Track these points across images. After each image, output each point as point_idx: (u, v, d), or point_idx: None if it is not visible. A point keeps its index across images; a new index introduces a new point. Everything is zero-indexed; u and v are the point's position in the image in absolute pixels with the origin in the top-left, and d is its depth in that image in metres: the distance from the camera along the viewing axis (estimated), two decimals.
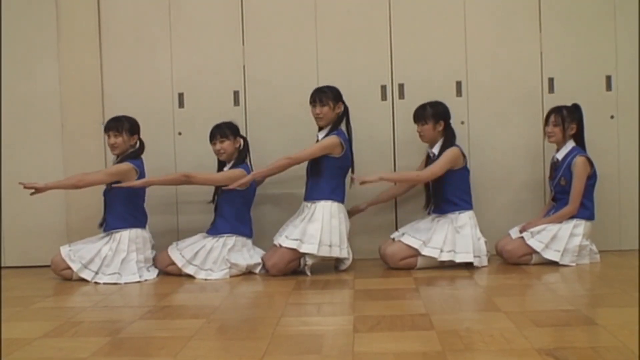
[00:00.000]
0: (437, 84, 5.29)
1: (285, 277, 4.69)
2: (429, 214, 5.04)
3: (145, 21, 5.45)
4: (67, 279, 4.82)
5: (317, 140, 4.88)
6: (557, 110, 4.95)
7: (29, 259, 5.41)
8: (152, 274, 4.87)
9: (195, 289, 4.49)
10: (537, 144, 5.25)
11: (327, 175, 4.83)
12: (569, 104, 4.96)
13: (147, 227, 5.01)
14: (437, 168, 4.86)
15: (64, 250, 4.84)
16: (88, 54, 5.41)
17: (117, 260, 4.79)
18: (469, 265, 4.79)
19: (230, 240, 4.85)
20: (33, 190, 4.76)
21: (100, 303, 4.11)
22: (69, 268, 4.79)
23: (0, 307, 3.95)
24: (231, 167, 4.94)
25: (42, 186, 4.77)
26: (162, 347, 3.04)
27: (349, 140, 4.88)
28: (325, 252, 4.70)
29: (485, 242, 4.86)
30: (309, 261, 4.73)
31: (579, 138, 4.97)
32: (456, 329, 3.16)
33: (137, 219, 4.95)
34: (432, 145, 4.98)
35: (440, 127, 4.93)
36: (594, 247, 4.89)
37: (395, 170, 5.33)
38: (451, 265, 4.79)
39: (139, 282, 4.73)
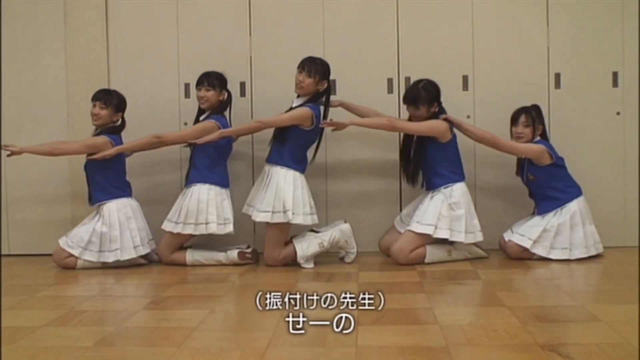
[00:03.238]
0: (443, 77, 5.25)
1: (290, 269, 4.69)
2: (423, 188, 5.02)
3: (152, 11, 5.44)
4: (71, 268, 4.83)
5: (291, 107, 4.89)
6: (526, 111, 4.92)
7: (34, 247, 5.41)
8: (146, 249, 4.92)
9: (200, 279, 4.50)
10: None
11: (291, 144, 4.83)
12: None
13: (132, 196, 5.03)
14: (412, 125, 4.87)
15: (62, 241, 4.87)
16: (95, 44, 5.41)
17: (114, 234, 4.81)
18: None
19: (204, 188, 4.87)
20: (9, 153, 4.83)
21: (104, 292, 4.13)
22: (71, 256, 4.82)
23: None
24: (205, 118, 4.96)
25: (18, 149, 4.84)
26: (166, 337, 3.05)
27: (322, 117, 4.88)
28: (279, 219, 4.71)
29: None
30: (302, 255, 4.75)
31: (543, 136, 4.97)
32: (460, 323, 3.17)
33: (120, 189, 4.97)
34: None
35: (434, 109, 4.90)
36: (596, 236, 4.87)
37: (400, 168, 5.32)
38: (459, 260, 4.80)
39: (135, 260, 4.85)
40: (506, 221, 5.08)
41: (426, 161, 4.92)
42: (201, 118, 5.01)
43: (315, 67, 4.83)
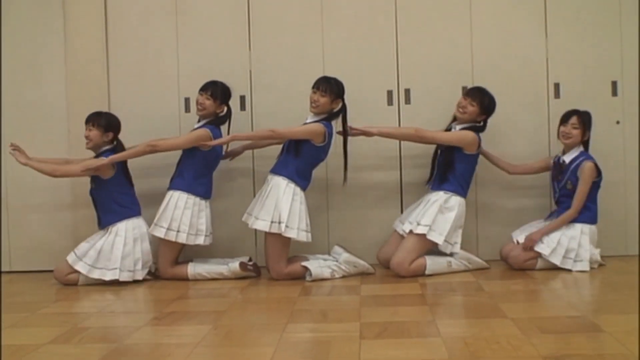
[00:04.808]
0: (443, 88, 5.29)
1: (291, 283, 4.69)
2: (427, 185, 5.06)
3: (152, 25, 5.45)
4: (73, 284, 4.82)
5: (305, 123, 4.89)
6: (580, 113, 4.91)
7: (36, 264, 5.41)
8: (144, 273, 4.88)
9: (202, 295, 4.49)
10: (542, 149, 5.25)
11: (302, 158, 4.84)
12: (577, 108, 4.95)
13: (141, 214, 5.01)
14: (441, 135, 4.93)
15: (69, 255, 4.86)
16: (94, 59, 5.41)
17: (116, 255, 4.79)
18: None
19: (183, 196, 4.88)
20: (14, 151, 4.87)
21: (106, 309, 4.12)
22: (73, 272, 4.81)
23: None
24: (200, 127, 4.96)
25: (24, 161, 4.85)
26: (168, 354, 3.05)
27: (344, 135, 4.92)
28: (275, 229, 4.72)
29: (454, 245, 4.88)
30: (311, 271, 4.77)
31: (586, 145, 4.97)
32: (462, 336, 3.17)
33: (128, 207, 4.94)
34: (459, 123, 4.98)
35: (480, 119, 4.95)
36: (599, 258, 4.88)
37: (401, 176, 5.34)
38: (459, 271, 4.80)
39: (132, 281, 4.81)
40: (506, 233, 5.10)
41: (444, 163, 4.93)
42: (196, 126, 5.01)
43: (330, 87, 4.85)
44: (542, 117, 5.26)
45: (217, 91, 4.98)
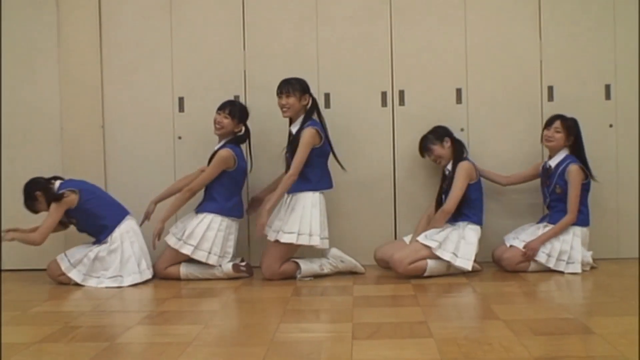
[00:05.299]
0: (437, 91, 5.30)
1: (284, 283, 4.68)
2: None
3: (146, 25, 5.44)
4: (66, 283, 4.80)
5: (290, 134, 4.91)
6: (563, 118, 4.94)
7: (27, 262, 5.38)
8: (150, 271, 4.86)
9: (194, 294, 4.48)
10: (536, 152, 5.25)
11: (311, 166, 4.84)
12: (568, 113, 4.96)
13: (130, 213, 4.98)
14: (456, 193, 4.89)
15: (60, 257, 4.83)
16: (88, 58, 5.40)
17: (115, 262, 4.77)
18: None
19: (217, 219, 4.87)
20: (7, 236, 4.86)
21: (98, 308, 4.11)
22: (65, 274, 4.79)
23: None
24: (220, 148, 4.95)
25: (10, 237, 4.83)
26: (160, 353, 3.04)
27: (323, 129, 4.90)
28: (304, 241, 4.72)
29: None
30: (306, 270, 4.79)
31: (576, 151, 4.96)
32: (455, 337, 3.16)
33: (114, 216, 4.89)
34: (444, 165, 5.03)
35: (446, 143, 4.99)
36: (591, 261, 4.89)
37: (395, 180, 5.34)
38: (455, 273, 4.78)
39: (138, 283, 4.75)
40: (498, 235, 5.10)
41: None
42: (216, 147, 5.00)
43: (292, 86, 4.86)
44: (535, 119, 5.26)
45: (235, 110, 4.99)
